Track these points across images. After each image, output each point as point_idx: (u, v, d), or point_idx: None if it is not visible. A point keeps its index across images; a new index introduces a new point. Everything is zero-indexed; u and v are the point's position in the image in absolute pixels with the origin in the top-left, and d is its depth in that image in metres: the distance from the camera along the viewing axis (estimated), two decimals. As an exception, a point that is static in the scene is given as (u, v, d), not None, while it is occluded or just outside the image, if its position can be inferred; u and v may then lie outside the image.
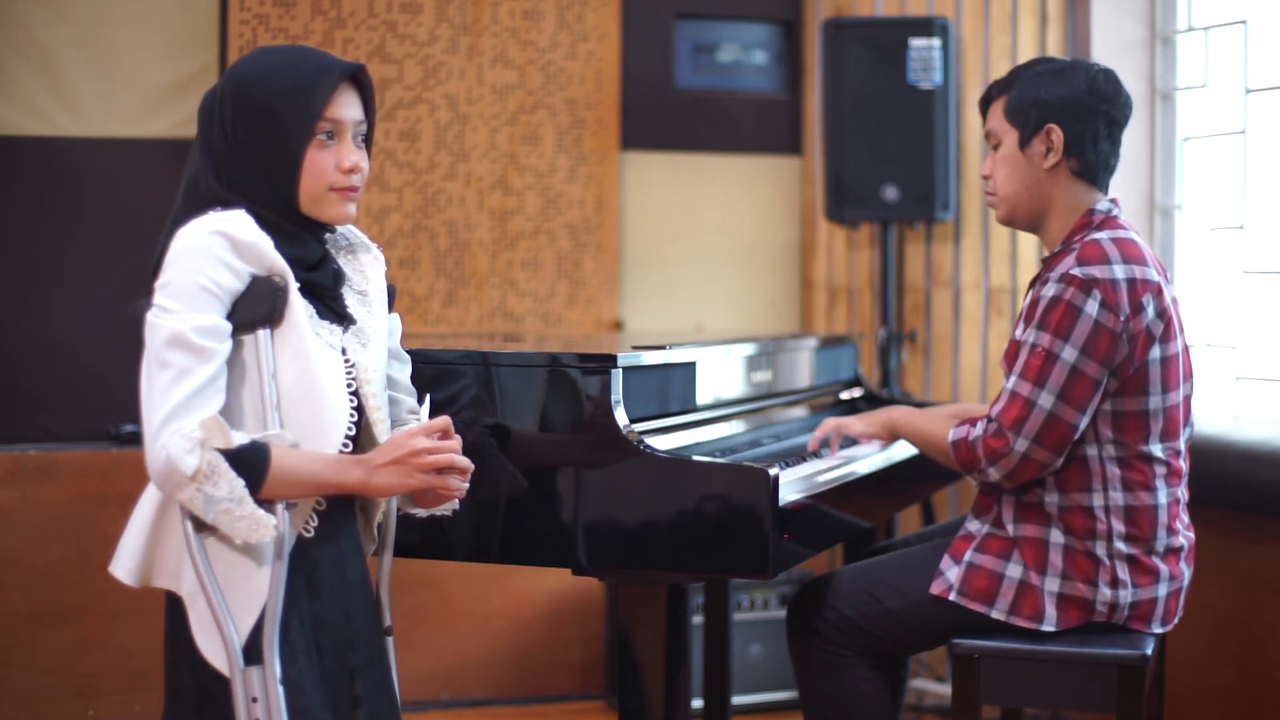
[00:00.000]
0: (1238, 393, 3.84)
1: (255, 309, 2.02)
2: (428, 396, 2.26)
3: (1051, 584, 2.59)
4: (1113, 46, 4.04)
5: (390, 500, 2.24)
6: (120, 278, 4.07)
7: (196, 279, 1.98)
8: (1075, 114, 2.64)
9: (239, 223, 2.03)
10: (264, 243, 2.03)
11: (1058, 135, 2.64)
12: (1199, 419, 3.70)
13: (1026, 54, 4.12)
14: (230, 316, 2.01)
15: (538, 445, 2.50)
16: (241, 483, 1.95)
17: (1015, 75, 2.72)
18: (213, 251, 2.00)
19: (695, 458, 2.46)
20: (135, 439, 4.04)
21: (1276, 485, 3.30)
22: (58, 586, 3.90)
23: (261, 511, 1.96)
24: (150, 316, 1.99)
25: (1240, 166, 3.84)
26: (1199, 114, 4.01)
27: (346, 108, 2.12)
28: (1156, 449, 2.59)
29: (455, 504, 2.24)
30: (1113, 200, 2.70)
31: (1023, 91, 2.68)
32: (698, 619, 3.68)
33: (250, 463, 1.96)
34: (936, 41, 4.14)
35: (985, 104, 2.76)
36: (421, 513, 2.25)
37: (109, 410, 4.09)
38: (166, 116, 4.16)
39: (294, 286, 2.05)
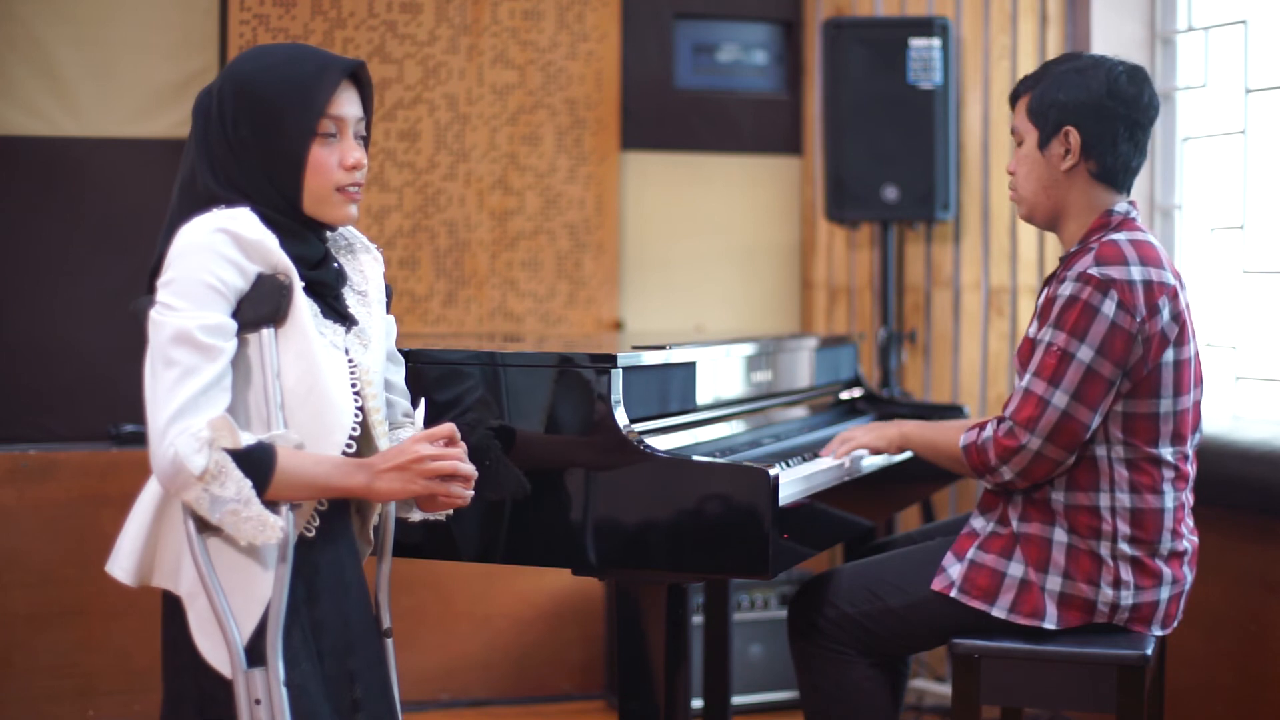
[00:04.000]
0: (1238, 393, 3.84)
1: (260, 308, 2.01)
2: (423, 400, 2.25)
3: (1053, 583, 2.59)
4: (1113, 46, 4.03)
5: (389, 503, 2.24)
6: (120, 278, 4.07)
7: (202, 277, 1.97)
8: (1093, 116, 2.62)
9: (244, 220, 2.01)
10: (269, 240, 2.01)
11: (1075, 137, 2.62)
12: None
13: (1026, 54, 4.13)
14: (235, 315, 2.00)
15: (538, 445, 2.50)
16: (249, 484, 1.93)
17: (1041, 73, 2.70)
18: (218, 249, 1.98)
19: (695, 458, 2.46)
20: (135, 439, 4.04)
21: (1276, 485, 3.29)
22: (58, 586, 3.90)
23: (268, 513, 1.95)
24: (154, 314, 1.97)
25: (1240, 166, 3.84)
26: (1199, 114, 4.01)
27: (348, 105, 2.11)
28: (1166, 452, 2.59)
29: (450, 510, 2.23)
30: (1131, 202, 2.69)
31: (1044, 91, 2.66)
32: (698, 619, 3.68)
33: (257, 464, 1.94)
34: (936, 41, 4.14)
35: (1013, 100, 2.75)
36: (415, 517, 2.24)
37: (109, 410, 4.09)
38: (166, 116, 4.16)
39: (299, 285, 2.04)
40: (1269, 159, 3.79)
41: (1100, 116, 2.62)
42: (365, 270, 2.23)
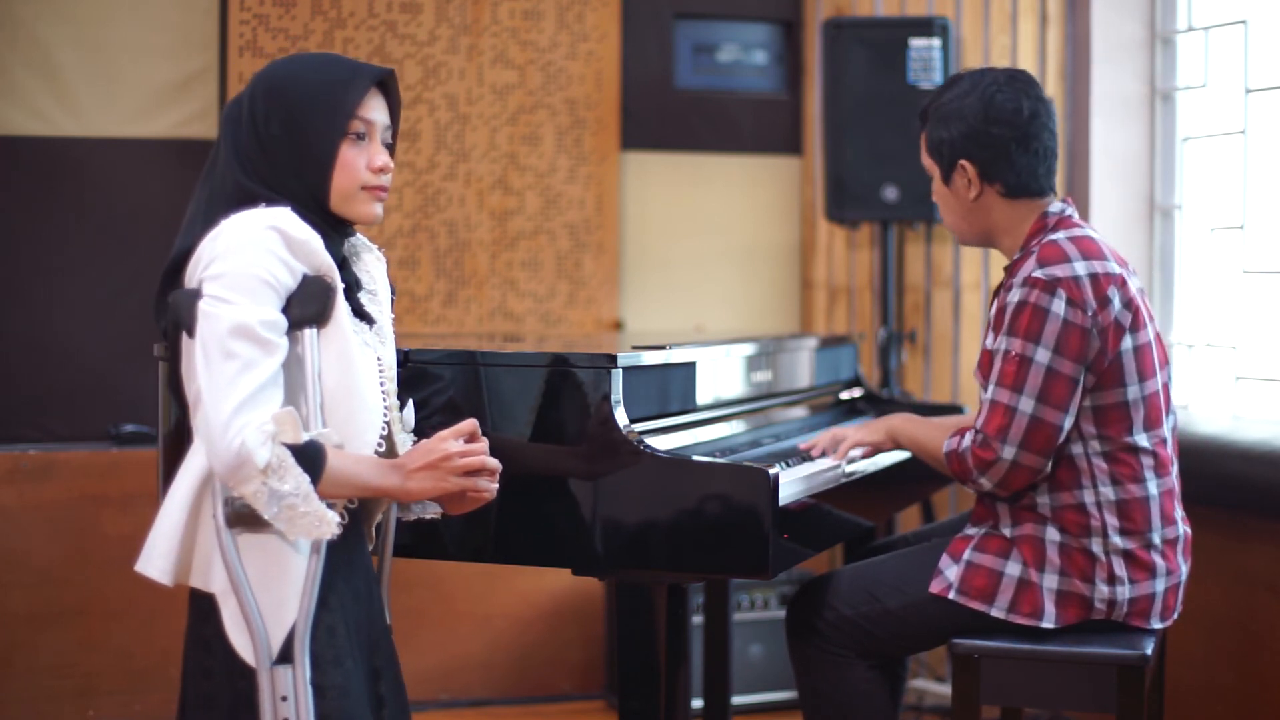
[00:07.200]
0: (1238, 393, 3.84)
1: (307, 308, 2.01)
2: (409, 402, 2.26)
3: (1050, 581, 2.60)
4: (1113, 46, 4.04)
5: (391, 502, 2.24)
6: (120, 278, 4.07)
7: (256, 272, 1.97)
8: (979, 145, 2.65)
9: (290, 220, 2.02)
10: (315, 241, 2.03)
11: (971, 169, 2.66)
12: (1199, 419, 3.71)
13: (1026, 54, 4.13)
14: (283, 314, 2.00)
15: (538, 445, 2.50)
16: (307, 479, 1.93)
17: (928, 109, 2.74)
18: (270, 246, 1.99)
19: (695, 458, 2.46)
20: (135, 439, 4.05)
21: (1276, 485, 3.30)
22: (58, 586, 3.90)
23: (325, 509, 1.95)
24: (205, 306, 1.96)
25: (1240, 166, 3.84)
26: (1199, 114, 4.01)
27: (376, 110, 2.14)
28: (1142, 439, 2.60)
29: (439, 509, 2.23)
30: (1065, 200, 2.72)
31: (932, 130, 2.71)
32: (698, 619, 3.68)
33: (312, 460, 1.95)
34: (936, 41, 4.14)
35: (919, 137, 2.78)
36: (410, 516, 2.25)
37: (109, 410, 4.10)
38: (166, 116, 4.16)
39: (340, 287, 2.06)
40: (1269, 159, 3.79)
41: (985, 143, 2.64)
42: (371, 270, 2.24)
